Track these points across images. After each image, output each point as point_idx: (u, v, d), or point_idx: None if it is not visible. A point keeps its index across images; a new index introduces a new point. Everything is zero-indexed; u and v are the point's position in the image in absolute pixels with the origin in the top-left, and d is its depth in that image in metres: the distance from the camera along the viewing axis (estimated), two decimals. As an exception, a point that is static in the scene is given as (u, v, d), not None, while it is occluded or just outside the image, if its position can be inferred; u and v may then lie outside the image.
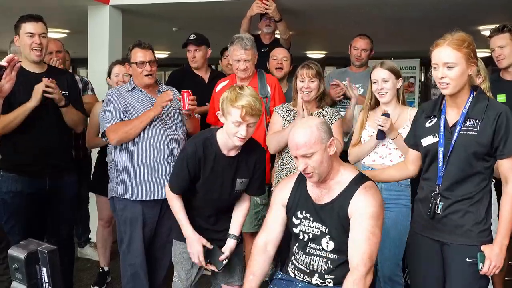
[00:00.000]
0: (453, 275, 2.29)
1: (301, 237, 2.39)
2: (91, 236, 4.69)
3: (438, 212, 2.27)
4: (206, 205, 2.66)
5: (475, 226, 2.24)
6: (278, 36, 4.73)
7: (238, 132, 2.40)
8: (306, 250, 2.37)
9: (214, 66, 5.39)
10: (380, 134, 2.94)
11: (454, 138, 2.23)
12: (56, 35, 6.59)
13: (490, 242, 2.24)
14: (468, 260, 2.23)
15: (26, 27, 3.08)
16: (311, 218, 2.36)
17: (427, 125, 2.36)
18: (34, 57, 3.11)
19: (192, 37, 4.10)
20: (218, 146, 2.54)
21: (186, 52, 4.14)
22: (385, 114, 2.91)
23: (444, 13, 5.55)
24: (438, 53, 2.21)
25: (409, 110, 3.04)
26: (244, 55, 3.45)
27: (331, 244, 2.31)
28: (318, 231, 2.33)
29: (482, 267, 2.20)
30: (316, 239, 2.34)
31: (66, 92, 3.20)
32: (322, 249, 2.33)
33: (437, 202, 2.27)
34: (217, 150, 2.54)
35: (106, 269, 4.07)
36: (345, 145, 3.35)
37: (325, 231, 2.31)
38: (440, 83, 2.23)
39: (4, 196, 3.14)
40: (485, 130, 2.18)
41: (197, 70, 4.14)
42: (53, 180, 3.21)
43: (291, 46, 4.63)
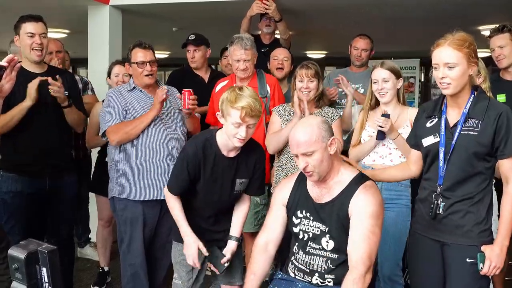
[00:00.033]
0: (453, 275, 2.29)
1: (301, 236, 2.39)
2: (91, 236, 4.68)
3: (440, 212, 2.27)
4: (206, 206, 2.66)
5: (476, 226, 2.24)
6: (278, 36, 4.73)
7: (237, 133, 2.40)
8: (306, 250, 2.37)
9: (214, 66, 5.38)
10: (380, 135, 2.94)
11: (455, 138, 2.23)
12: (56, 35, 6.58)
13: (490, 242, 2.24)
14: (468, 260, 2.23)
15: (27, 27, 3.07)
16: (311, 218, 2.36)
17: (428, 125, 2.36)
18: (35, 57, 3.10)
19: (191, 37, 4.10)
20: (218, 147, 2.54)
21: (186, 52, 4.14)
22: (385, 115, 2.91)
23: (444, 13, 5.54)
24: (439, 53, 2.21)
25: (409, 110, 3.04)
26: (244, 55, 3.45)
27: (331, 243, 2.31)
28: (318, 231, 2.33)
29: (482, 268, 2.20)
30: (316, 239, 2.34)
31: (66, 92, 3.20)
32: (322, 248, 2.33)
33: (438, 202, 2.27)
34: (217, 151, 2.54)
35: (106, 269, 4.06)
36: (345, 144, 3.35)
37: (325, 231, 2.31)
38: (441, 83, 2.23)
39: (4, 196, 3.14)
40: (485, 130, 2.18)
41: (197, 70, 4.14)
42: (53, 180, 3.21)
43: (291, 46, 4.63)
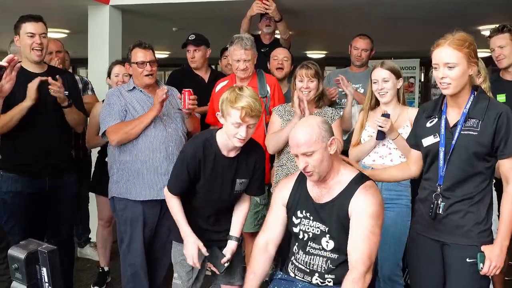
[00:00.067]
0: (453, 276, 2.29)
1: (301, 236, 2.39)
2: (91, 236, 4.68)
3: (440, 212, 2.27)
4: (206, 205, 2.65)
5: (476, 226, 2.24)
6: (278, 36, 4.72)
7: (238, 133, 2.40)
8: (306, 250, 2.37)
9: (214, 66, 5.39)
10: (380, 135, 2.94)
11: (455, 138, 2.23)
12: (56, 35, 6.58)
13: (490, 242, 2.24)
14: (468, 260, 2.23)
15: (27, 27, 3.07)
16: (311, 218, 2.36)
17: (428, 125, 2.36)
18: (35, 57, 3.10)
19: (191, 37, 4.10)
20: (218, 147, 2.54)
21: (186, 52, 4.14)
22: (385, 115, 2.91)
23: (444, 13, 5.54)
24: (439, 53, 2.21)
25: (409, 110, 3.04)
26: (244, 55, 3.45)
27: (331, 243, 2.31)
28: (318, 231, 2.33)
29: (482, 268, 2.20)
30: (316, 239, 2.34)
31: (66, 92, 3.20)
32: (322, 248, 2.33)
33: (438, 202, 2.27)
34: (217, 151, 2.54)
35: (106, 269, 4.06)
36: (345, 144, 3.35)
37: (325, 230, 2.31)
38: (441, 83, 2.23)
39: (4, 196, 3.13)
40: (485, 130, 2.18)
41: (197, 70, 4.14)
42: (53, 180, 3.21)
43: (291, 46, 4.63)
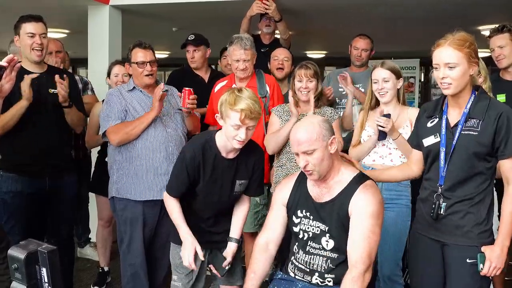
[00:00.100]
0: (453, 276, 2.29)
1: (301, 236, 2.39)
2: (91, 236, 4.68)
3: (441, 212, 2.27)
4: (206, 207, 2.65)
5: (476, 227, 2.23)
6: (278, 36, 4.72)
7: (237, 135, 2.39)
8: (306, 249, 2.37)
9: (214, 66, 5.38)
10: (381, 135, 2.93)
11: (455, 138, 2.23)
12: (56, 35, 6.58)
13: (491, 243, 2.23)
14: (468, 261, 2.23)
15: (27, 28, 3.07)
16: (311, 217, 2.36)
17: (429, 125, 2.36)
18: (35, 57, 3.10)
19: (191, 37, 4.09)
20: (217, 149, 2.53)
21: (186, 52, 4.13)
22: (386, 115, 2.91)
23: (444, 13, 5.54)
24: (439, 53, 2.21)
25: (409, 110, 3.03)
26: (243, 55, 3.45)
27: (331, 242, 2.31)
28: (318, 230, 2.33)
29: (482, 268, 2.19)
30: (316, 238, 2.34)
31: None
32: (322, 248, 2.33)
33: (440, 202, 2.27)
34: (216, 152, 2.53)
35: (106, 269, 4.06)
36: (345, 145, 3.35)
37: (325, 230, 2.32)
38: (441, 83, 2.22)
39: (4, 196, 3.13)
40: (486, 130, 2.18)
41: (197, 70, 4.13)
42: (53, 180, 3.21)
43: (291, 46, 4.62)
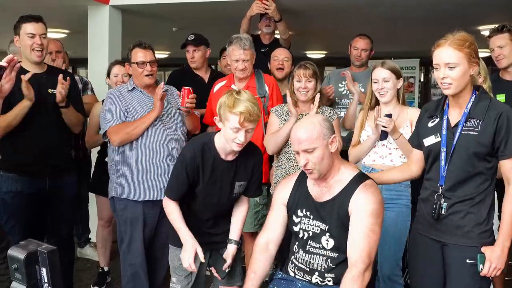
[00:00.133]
0: (453, 276, 2.28)
1: (300, 235, 2.39)
2: (91, 236, 4.68)
3: (443, 213, 2.26)
4: (206, 209, 2.64)
5: (476, 227, 2.23)
6: (278, 36, 4.72)
7: (236, 138, 2.38)
8: (306, 249, 2.37)
9: (214, 66, 5.38)
10: (383, 135, 2.93)
11: (456, 138, 2.23)
12: (56, 35, 6.58)
13: (491, 243, 2.22)
14: (468, 261, 2.22)
15: (27, 28, 3.06)
16: (311, 216, 2.36)
17: (430, 125, 2.36)
18: (35, 57, 3.10)
19: (191, 37, 4.09)
20: (216, 151, 2.52)
21: (186, 52, 4.13)
22: (388, 115, 2.90)
23: (444, 13, 5.54)
24: (439, 53, 2.21)
25: (409, 110, 3.03)
26: (243, 55, 3.44)
27: (331, 242, 2.31)
28: (318, 229, 2.34)
29: (482, 269, 2.19)
30: (316, 237, 2.34)
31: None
32: (322, 247, 2.33)
33: (441, 202, 2.26)
34: (215, 154, 2.53)
35: (106, 269, 4.06)
36: (345, 144, 3.35)
37: (325, 229, 2.32)
38: (442, 84, 2.22)
39: (4, 196, 3.13)
40: (486, 130, 2.18)
41: (196, 70, 4.13)
42: (53, 180, 3.20)
43: (291, 46, 4.62)
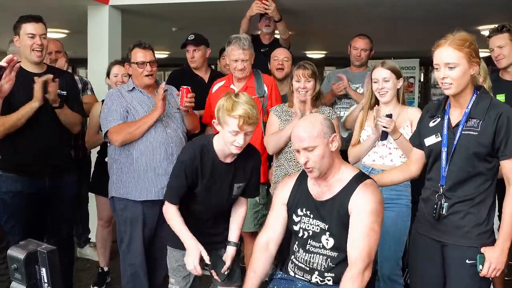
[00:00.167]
0: (452, 276, 2.28)
1: (300, 234, 2.39)
2: (91, 236, 4.68)
3: (443, 213, 2.26)
4: (205, 210, 2.64)
5: (476, 227, 2.23)
6: (277, 36, 4.72)
7: (235, 141, 2.38)
8: (306, 248, 2.38)
9: (213, 66, 5.37)
10: (383, 135, 2.93)
11: (456, 138, 2.22)
12: (55, 35, 6.58)
13: (491, 244, 2.22)
14: (467, 261, 2.22)
15: (27, 28, 3.06)
16: (311, 216, 2.36)
17: (431, 124, 2.36)
18: (35, 58, 3.09)
19: (191, 37, 4.09)
20: (215, 153, 2.52)
21: (186, 52, 4.13)
22: (388, 115, 2.90)
23: (444, 13, 5.54)
24: (439, 53, 2.21)
25: (408, 110, 3.03)
26: (242, 55, 3.44)
27: (331, 241, 2.31)
28: (318, 228, 2.34)
29: (481, 269, 2.18)
30: (316, 236, 2.34)
31: (64, 92, 3.19)
32: (322, 246, 2.33)
33: (442, 202, 2.26)
34: (214, 156, 2.52)
35: (105, 269, 4.06)
36: (345, 144, 3.35)
37: (324, 228, 2.32)
38: (442, 84, 2.22)
39: (3, 196, 3.13)
40: (486, 130, 2.17)
41: (196, 70, 4.13)
42: (53, 180, 3.20)
43: (291, 46, 4.62)
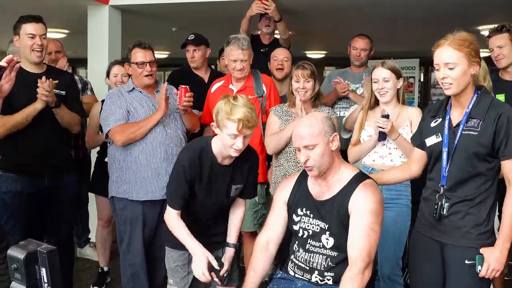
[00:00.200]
0: (452, 276, 2.28)
1: (300, 234, 2.40)
2: (91, 236, 4.68)
3: (444, 213, 2.26)
4: (203, 211, 2.64)
5: (475, 228, 2.22)
6: (277, 36, 4.72)
7: (234, 144, 2.38)
8: (306, 248, 2.38)
9: (213, 66, 5.37)
10: (381, 136, 2.93)
11: (457, 138, 2.22)
12: (55, 35, 6.58)
13: (491, 244, 2.21)
14: (466, 262, 2.22)
15: (27, 28, 3.06)
16: (311, 215, 2.37)
17: (432, 124, 2.36)
18: (35, 58, 3.09)
19: (191, 37, 4.09)
20: (213, 155, 2.52)
21: (186, 52, 4.13)
22: (384, 116, 2.90)
23: (444, 13, 5.55)
24: (439, 53, 2.21)
25: (408, 110, 3.03)
26: (241, 55, 3.44)
27: (331, 240, 2.31)
28: (317, 228, 2.34)
29: (480, 270, 2.18)
30: (315, 236, 2.35)
31: (63, 92, 3.19)
32: (322, 246, 2.33)
33: (442, 203, 2.26)
34: (212, 159, 2.52)
35: (105, 269, 4.06)
36: (345, 144, 3.34)
37: (324, 228, 2.32)
38: (442, 84, 2.22)
39: (3, 196, 3.13)
40: (485, 130, 2.17)
41: (196, 70, 4.12)
42: (53, 180, 3.20)
43: (291, 46, 4.62)
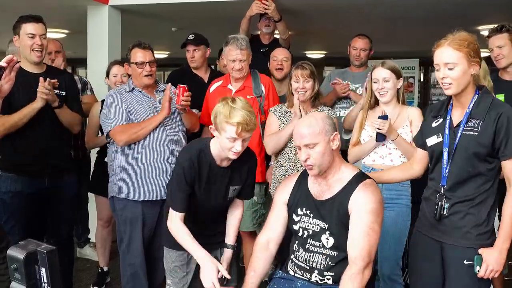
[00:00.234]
0: (452, 276, 2.28)
1: (300, 233, 2.40)
2: (91, 236, 4.68)
3: (444, 213, 2.26)
4: (201, 211, 2.63)
5: (475, 228, 2.22)
6: (277, 36, 4.72)
7: (233, 147, 2.37)
8: (306, 247, 2.38)
9: (213, 66, 5.38)
10: (380, 137, 2.93)
11: (457, 139, 2.22)
12: (55, 35, 6.58)
13: (490, 245, 2.21)
14: (466, 262, 2.22)
15: (27, 28, 3.06)
16: (311, 215, 2.37)
17: (433, 125, 2.36)
18: (35, 58, 3.09)
19: (191, 37, 4.09)
20: (212, 157, 2.51)
21: (185, 52, 4.13)
22: (382, 117, 2.89)
23: (443, 13, 5.55)
24: (439, 53, 2.21)
25: (408, 110, 3.03)
26: (239, 55, 3.44)
27: (331, 240, 2.31)
28: (317, 228, 2.34)
29: (479, 270, 2.18)
30: (315, 236, 2.35)
31: (63, 92, 3.19)
32: (322, 245, 2.33)
33: (443, 203, 2.26)
34: (211, 160, 2.52)
35: (105, 269, 4.06)
36: (345, 144, 3.34)
37: (324, 228, 2.32)
38: (442, 84, 2.22)
39: (3, 196, 3.13)
40: (486, 130, 2.17)
41: (196, 70, 4.13)
42: (53, 180, 3.20)
43: (291, 46, 4.62)
